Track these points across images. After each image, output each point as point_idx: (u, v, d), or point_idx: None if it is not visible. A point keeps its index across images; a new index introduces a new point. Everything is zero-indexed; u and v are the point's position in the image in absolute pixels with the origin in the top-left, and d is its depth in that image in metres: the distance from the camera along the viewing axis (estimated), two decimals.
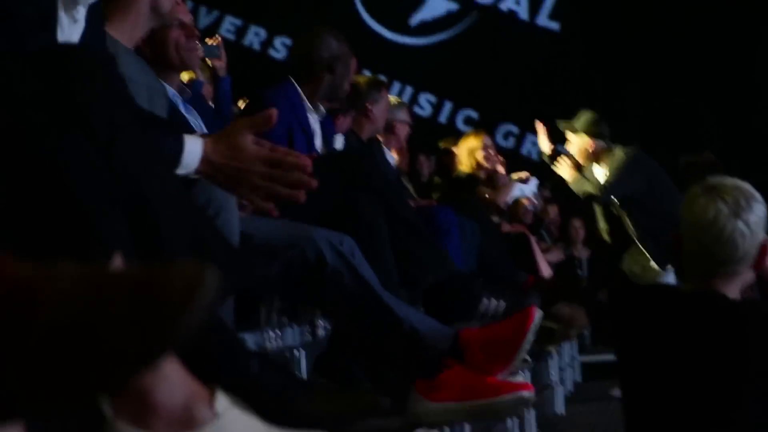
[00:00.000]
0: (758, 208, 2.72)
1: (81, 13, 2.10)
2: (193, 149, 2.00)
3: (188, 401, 1.39)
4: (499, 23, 12.98)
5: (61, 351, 0.99)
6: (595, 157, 6.38)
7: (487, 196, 6.46)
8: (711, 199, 2.69)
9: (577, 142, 6.42)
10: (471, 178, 6.36)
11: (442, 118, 12.93)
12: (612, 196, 6.32)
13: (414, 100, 12.84)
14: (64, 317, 1.00)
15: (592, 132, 6.37)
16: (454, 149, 6.49)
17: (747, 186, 2.74)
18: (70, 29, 2.07)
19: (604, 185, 6.26)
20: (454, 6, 13.05)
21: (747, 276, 2.77)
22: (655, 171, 6.47)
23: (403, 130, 5.55)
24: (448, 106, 12.97)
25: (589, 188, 6.27)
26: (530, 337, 3.00)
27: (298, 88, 4.19)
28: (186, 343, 1.10)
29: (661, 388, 2.77)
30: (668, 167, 6.99)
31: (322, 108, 4.24)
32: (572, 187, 6.32)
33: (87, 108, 1.63)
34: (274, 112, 2.00)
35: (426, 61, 12.76)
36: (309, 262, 2.94)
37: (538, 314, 3.01)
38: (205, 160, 2.00)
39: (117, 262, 1.18)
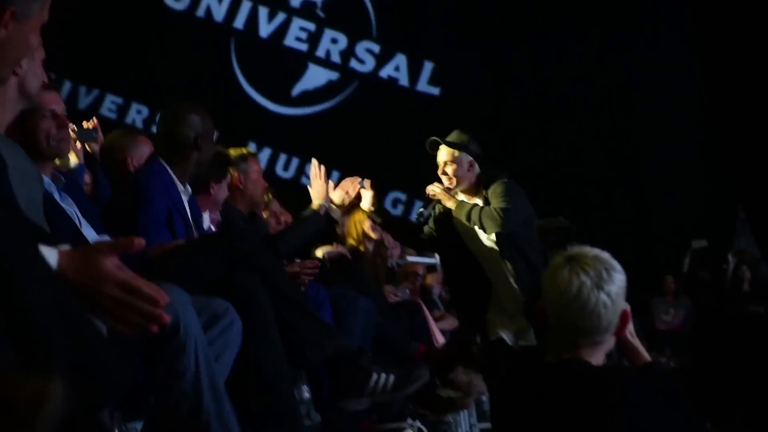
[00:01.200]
0: (618, 278, 2.76)
1: None
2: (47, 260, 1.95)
3: None
4: (381, 91, 13.09)
5: None
6: (460, 169, 5.65)
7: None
8: (573, 271, 2.72)
9: (442, 153, 5.74)
10: (357, 251, 6.34)
11: None
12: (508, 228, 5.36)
13: (301, 170, 12.85)
14: None
15: (459, 144, 5.69)
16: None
17: (606, 255, 2.78)
18: None
19: (499, 212, 5.35)
20: (334, 75, 13.13)
21: (610, 343, 2.82)
22: (528, 204, 5.60)
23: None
24: (335, 176, 12.98)
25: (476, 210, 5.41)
26: None
27: (168, 168, 3.99)
28: None
29: None
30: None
31: (188, 187, 4.06)
32: (456, 214, 5.52)
33: None
34: (140, 241, 1.95)
35: (310, 132, 12.78)
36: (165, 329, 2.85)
37: None
38: (58, 273, 1.95)
39: None
